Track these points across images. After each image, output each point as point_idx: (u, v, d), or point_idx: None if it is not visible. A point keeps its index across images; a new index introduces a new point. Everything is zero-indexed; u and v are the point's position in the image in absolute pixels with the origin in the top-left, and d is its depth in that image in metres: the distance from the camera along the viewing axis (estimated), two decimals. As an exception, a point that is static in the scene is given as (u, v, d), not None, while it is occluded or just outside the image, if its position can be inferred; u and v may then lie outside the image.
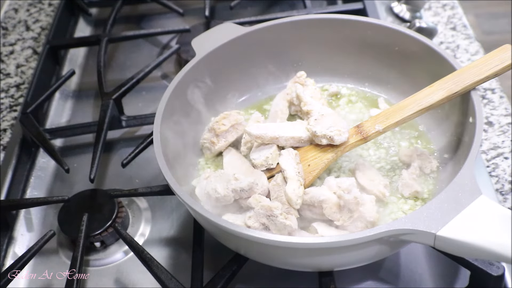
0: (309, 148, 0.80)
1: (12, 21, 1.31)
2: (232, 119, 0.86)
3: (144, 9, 1.32)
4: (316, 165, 0.77)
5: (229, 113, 0.87)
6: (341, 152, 0.78)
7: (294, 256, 0.67)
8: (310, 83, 0.92)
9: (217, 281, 0.72)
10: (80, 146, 1.02)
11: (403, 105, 0.78)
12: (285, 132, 0.81)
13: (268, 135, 0.80)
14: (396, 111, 0.78)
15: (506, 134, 0.93)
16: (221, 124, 0.85)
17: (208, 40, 0.89)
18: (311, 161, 0.78)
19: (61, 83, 1.06)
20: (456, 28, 1.12)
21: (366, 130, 0.78)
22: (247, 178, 0.75)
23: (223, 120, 0.85)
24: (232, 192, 0.74)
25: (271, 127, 0.82)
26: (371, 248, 0.65)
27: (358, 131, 0.78)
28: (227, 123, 0.85)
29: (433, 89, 0.77)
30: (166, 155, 0.75)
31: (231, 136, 0.86)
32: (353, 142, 0.78)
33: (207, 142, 0.85)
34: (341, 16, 0.92)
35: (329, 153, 0.78)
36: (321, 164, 0.77)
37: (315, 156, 0.78)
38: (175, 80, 0.83)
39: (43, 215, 0.92)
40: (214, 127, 0.85)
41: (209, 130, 0.86)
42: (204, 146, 0.86)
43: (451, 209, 0.62)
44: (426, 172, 0.80)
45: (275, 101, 0.92)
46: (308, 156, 0.79)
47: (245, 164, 0.83)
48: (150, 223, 0.88)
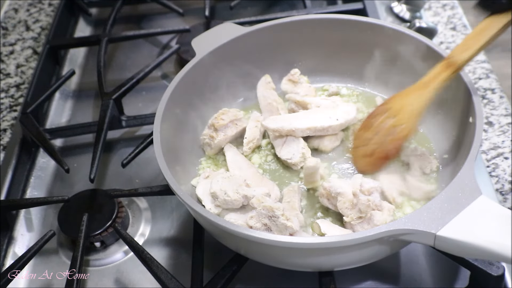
0: (403, 94, 0.79)
1: (12, 21, 1.31)
2: (231, 115, 0.87)
3: (144, 9, 1.32)
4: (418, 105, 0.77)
5: (228, 110, 0.88)
6: (433, 88, 0.76)
7: (294, 256, 0.67)
8: (304, 81, 0.93)
9: (217, 281, 0.72)
10: (80, 146, 1.02)
11: (480, 29, 0.75)
12: (301, 124, 0.84)
13: (285, 128, 0.83)
14: (475, 36, 0.75)
15: (506, 134, 0.93)
16: (220, 119, 0.86)
17: (208, 40, 0.90)
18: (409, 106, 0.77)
19: (61, 83, 1.06)
20: (456, 28, 1.12)
21: (456, 60, 0.75)
22: (261, 188, 0.76)
23: (222, 116, 0.87)
24: (242, 198, 0.75)
25: (286, 120, 0.85)
26: (371, 248, 0.65)
27: (448, 64, 0.76)
28: (226, 118, 0.86)
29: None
30: (166, 155, 0.75)
31: (230, 131, 0.87)
32: (446, 76, 0.76)
33: (206, 137, 0.86)
34: (341, 16, 0.92)
35: (425, 93, 0.76)
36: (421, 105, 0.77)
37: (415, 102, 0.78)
38: (175, 80, 0.83)
39: (43, 215, 0.92)
40: (213, 122, 0.86)
41: (208, 127, 0.87)
42: (204, 143, 0.87)
43: (451, 209, 0.62)
44: (426, 172, 0.80)
45: (261, 93, 0.93)
46: (404, 102, 0.78)
47: (248, 165, 0.84)
48: (150, 223, 0.88)
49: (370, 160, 0.81)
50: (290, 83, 0.93)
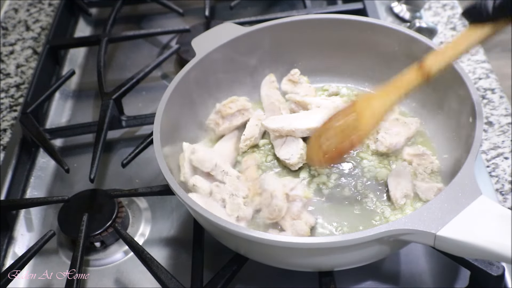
0: (370, 96, 0.77)
1: (12, 21, 1.31)
2: (239, 104, 0.88)
3: (144, 9, 1.32)
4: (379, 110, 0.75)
5: (237, 98, 0.89)
6: (400, 95, 0.74)
7: (294, 256, 0.67)
8: (304, 81, 0.93)
9: (217, 281, 0.72)
10: (80, 146, 1.02)
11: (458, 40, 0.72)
12: (301, 124, 0.84)
13: (285, 128, 0.84)
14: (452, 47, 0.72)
15: (506, 134, 0.93)
16: (228, 107, 0.87)
17: (208, 40, 0.89)
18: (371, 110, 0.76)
19: (61, 83, 1.06)
20: (456, 28, 1.12)
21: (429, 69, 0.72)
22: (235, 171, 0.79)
23: (230, 104, 0.88)
24: (215, 166, 0.78)
25: (287, 120, 0.85)
26: (371, 248, 0.65)
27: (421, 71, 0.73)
28: (233, 106, 0.87)
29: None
30: (166, 155, 0.75)
31: (236, 120, 0.88)
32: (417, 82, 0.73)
33: (212, 123, 0.87)
34: (341, 16, 0.92)
35: (390, 97, 0.75)
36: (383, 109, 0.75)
37: (377, 104, 0.76)
38: (175, 80, 0.83)
39: (43, 215, 0.92)
40: (220, 109, 0.87)
41: (215, 112, 0.88)
42: (209, 127, 0.88)
43: (451, 209, 0.62)
44: (427, 172, 0.80)
45: (265, 92, 0.93)
46: (368, 105, 0.76)
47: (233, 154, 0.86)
48: (150, 223, 0.88)
49: (328, 156, 0.78)
50: (290, 83, 0.93)
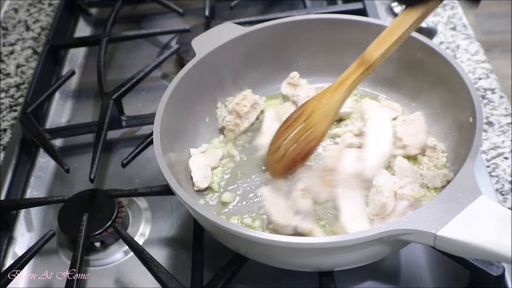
0: (318, 96, 0.77)
1: (12, 21, 1.31)
2: (250, 99, 0.89)
3: (144, 9, 1.32)
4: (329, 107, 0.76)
5: (246, 94, 0.89)
6: (347, 88, 0.74)
7: (294, 256, 0.67)
8: (303, 83, 0.93)
9: (217, 281, 0.72)
10: (80, 146, 1.02)
11: (393, 26, 0.73)
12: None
13: None
14: (389, 33, 0.72)
15: (506, 134, 0.93)
16: (243, 105, 0.87)
17: (208, 40, 0.89)
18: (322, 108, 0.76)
19: (61, 83, 1.06)
20: (456, 28, 1.12)
21: (369, 58, 0.73)
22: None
23: (243, 102, 0.88)
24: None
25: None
26: (371, 248, 0.65)
27: (361, 63, 0.74)
28: (247, 103, 0.88)
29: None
30: (166, 155, 0.75)
31: (252, 116, 0.89)
32: (359, 75, 0.74)
33: (230, 124, 0.87)
34: (341, 16, 0.92)
35: (338, 93, 0.75)
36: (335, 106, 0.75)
37: (327, 102, 0.76)
38: (175, 80, 0.83)
39: (43, 215, 0.92)
40: (236, 109, 0.87)
41: (230, 112, 0.88)
42: (227, 129, 0.88)
43: (451, 209, 0.62)
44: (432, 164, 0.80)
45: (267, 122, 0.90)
46: (317, 104, 0.76)
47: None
48: (150, 223, 0.88)
49: (280, 165, 0.78)
50: (290, 86, 0.93)
